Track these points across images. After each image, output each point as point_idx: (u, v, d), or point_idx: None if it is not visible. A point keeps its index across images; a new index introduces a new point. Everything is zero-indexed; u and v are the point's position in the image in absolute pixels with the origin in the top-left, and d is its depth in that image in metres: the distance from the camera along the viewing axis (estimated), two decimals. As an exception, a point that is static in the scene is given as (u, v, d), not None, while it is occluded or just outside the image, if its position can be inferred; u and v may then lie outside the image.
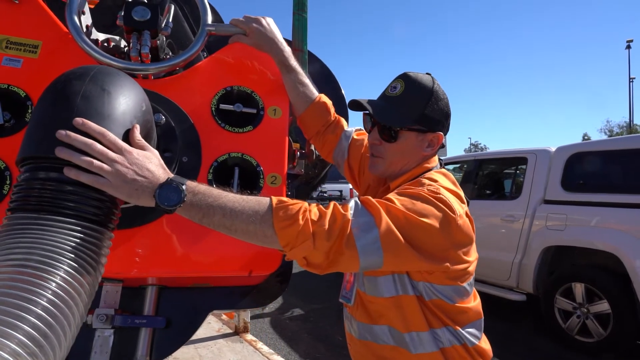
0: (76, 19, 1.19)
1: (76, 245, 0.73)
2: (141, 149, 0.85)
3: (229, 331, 3.81)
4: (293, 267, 1.46)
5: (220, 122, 1.24)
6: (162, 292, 1.32)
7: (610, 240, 3.59)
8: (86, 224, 0.76)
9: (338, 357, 3.65)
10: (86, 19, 1.27)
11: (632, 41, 29.32)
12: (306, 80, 1.33)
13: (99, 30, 1.40)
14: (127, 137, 0.85)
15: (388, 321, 1.03)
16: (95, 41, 1.30)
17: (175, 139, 1.15)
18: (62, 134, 0.75)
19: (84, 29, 1.21)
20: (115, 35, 1.45)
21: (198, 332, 1.37)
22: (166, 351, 1.29)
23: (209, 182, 1.17)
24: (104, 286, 1.26)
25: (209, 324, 3.92)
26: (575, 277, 3.87)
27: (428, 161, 1.13)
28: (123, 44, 1.41)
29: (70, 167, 0.75)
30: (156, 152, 0.88)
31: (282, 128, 1.28)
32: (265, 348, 3.46)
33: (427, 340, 0.99)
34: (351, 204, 0.91)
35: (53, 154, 0.75)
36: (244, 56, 1.34)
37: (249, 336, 3.71)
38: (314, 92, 1.35)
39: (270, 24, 1.30)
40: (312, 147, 1.54)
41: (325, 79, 1.94)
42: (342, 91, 1.97)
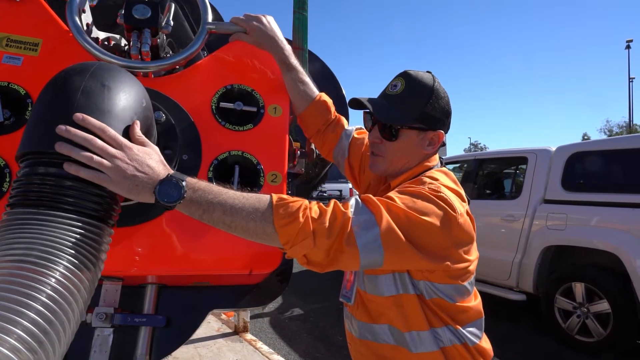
0: (77, 17, 1.19)
1: (76, 240, 0.72)
2: (141, 145, 0.84)
3: (228, 331, 3.80)
4: (293, 267, 1.46)
5: (220, 120, 1.24)
6: (161, 291, 1.32)
7: (611, 239, 3.59)
8: (86, 219, 0.76)
9: (338, 356, 3.65)
10: (87, 17, 1.27)
11: (631, 41, 29.35)
12: (306, 79, 1.33)
13: (99, 29, 1.40)
14: (128, 133, 0.85)
15: (388, 320, 1.03)
16: (95, 39, 1.30)
17: (175, 137, 1.15)
18: (62, 129, 0.74)
19: (85, 28, 1.21)
20: (115, 34, 1.45)
21: (197, 331, 1.37)
22: (166, 350, 1.29)
23: (209, 180, 1.17)
24: (104, 285, 1.26)
25: (209, 323, 3.92)
26: (575, 276, 3.87)
27: (429, 160, 1.12)
28: (123, 42, 1.40)
29: (70, 162, 0.75)
30: (156, 148, 0.88)
31: (283, 126, 1.28)
32: (265, 347, 3.46)
33: (428, 339, 0.99)
34: (352, 202, 0.90)
35: (53, 149, 0.75)
36: (245, 54, 1.34)
37: (248, 336, 3.71)
38: (315, 90, 1.35)
39: (271, 22, 1.29)
40: (313, 146, 1.54)
41: (326, 78, 1.94)
42: (343, 91, 1.97)
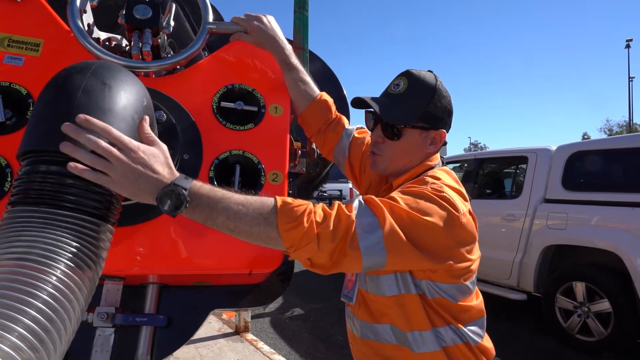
0: (78, 17, 1.19)
1: (77, 239, 0.72)
2: (149, 143, 0.83)
3: (229, 331, 3.80)
4: (294, 267, 1.46)
5: (221, 119, 1.24)
6: (162, 291, 1.32)
7: (611, 239, 3.59)
8: (87, 217, 0.76)
9: (338, 356, 3.65)
10: (88, 18, 1.28)
11: (631, 40, 29.35)
12: (307, 78, 1.33)
13: (100, 30, 1.40)
14: (136, 130, 0.85)
15: (390, 320, 1.03)
16: (96, 40, 1.30)
17: (176, 137, 1.15)
18: (68, 127, 0.73)
19: (86, 28, 1.21)
20: (117, 34, 1.45)
21: (198, 331, 1.37)
22: (167, 350, 1.29)
23: (210, 180, 1.17)
24: (105, 284, 1.26)
25: (210, 323, 3.92)
26: (575, 276, 3.87)
27: (430, 159, 1.12)
28: (124, 43, 1.41)
29: (74, 163, 0.74)
30: (164, 147, 0.86)
31: (284, 126, 1.28)
32: (266, 347, 3.46)
33: (430, 339, 0.99)
34: (355, 204, 0.90)
35: (54, 148, 0.75)
36: (245, 54, 1.34)
37: (249, 336, 3.70)
38: (315, 90, 1.35)
39: (271, 21, 1.29)
40: (314, 145, 1.54)
41: (327, 78, 1.94)
42: (344, 90, 1.97)
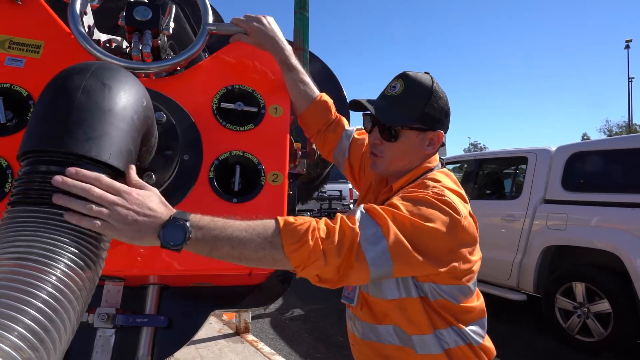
0: (78, 19, 1.19)
1: (76, 239, 0.72)
2: (140, 188, 0.82)
3: (229, 331, 3.80)
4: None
5: (221, 120, 1.25)
6: (163, 292, 1.32)
7: (611, 239, 3.59)
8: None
9: (338, 357, 3.64)
10: (88, 20, 1.28)
11: (631, 41, 29.32)
12: (307, 79, 1.33)
13: (101, 32, 1.40)
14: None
15: (393, 321, 1.03)
16: (97, 41, 1.31)
17: (176, 137, 1.15)
18: (58, 180, 0.72)
19: (86, 29, 1.22)
20: (117, 36, 1.45)
21: (199, 332, 1.37)
22: (167, 351, 1.29)
23: (210, 180, 1.18)
24: (106, 285, 1.26)
25: (210, 324, 3.91)
26: (575, 276, 3.87)
27: (429, 160, 1.12)
28: (125, 44, 1.41)
29: (71, 213, 0.73)
30: (155, 190, 0.84)
31: (284, 126, 1.29)
32: (266, 348, 3.45)
33: (431, 342, 0.99)
34: (357, 215, 0.90)
35: (54, 148, 0.75)
36: (245, 55, 1.34)
37: (249, 336, 3.70)
38: (315, 90, 1.35)
39: (271, 22, 1.30)
40: (314, 146, 1.54)
41: (327, 79, 1.94)
42: (344, 91, 1.97)
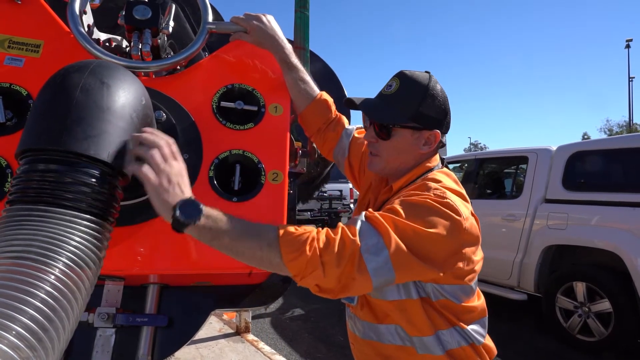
0: (78, 18, 1.19)
1: (75, 237, 0.72)
2: (176, 159, 0.91)
3: (230, 331, 3.80)
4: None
5: (221, 119, 1.24)
6: (163, 291, 1.32)
7: (611, 239, 3.59)
8: (85, 215, 0.76)
9: (339, 356, 3.64)
10: (88, 19, 1.28)
11: (631, 40, 29.29)
12: (307, 78, 1.33)
13: (101, 32, 1.40)
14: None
15: (393, 321, 1.02)
16: (96, 41, 1.30)
17: (176, 136, 1.15)
18: (142, 132, 0.88)
19: (86, 29, 1.22)
20: (117, 35, 1.45)
21: (199, 332, 1.37)
22: (168, 351, 1.29)
23: (210, 179, 1.17)
24: (106, 285, 1.26)
25: (210, 323, 3.91)
26: (576, 276, 3.86)
27: (429, 160, 1.12)
28: (125, 44, 1.41)
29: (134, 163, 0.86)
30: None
31: (284, 125, 1.28)
32: (267, 348, 3.45)
33: (432, 344, 0.99)
34: (358, 225, 0.90)
35: (52, 146, 0.75)
36: (245, 54, 1.34)
37: (250, 336, 3.70)
38: (315, 89, 1.35)
39: (271, 21, 1.29)
40: (314, 145, 1.54)
41: (328, 78, 1.94)
42: (345, 91, 1.97)
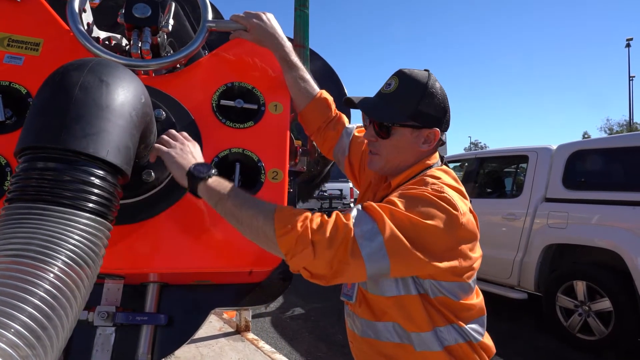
0: (77, 16, 1.19)
1: (74, 235, 0.72)
2: (189, 140, 1.11)
3: (230, 330, 3.80)
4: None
5: (221, 117, 1.24)
6: (163, 290, 1.32)
7: (612, 238, 3.58)
8: (84, 214, 0.75)
9: (339, 355, 3.64)
10: (87, 17, 1.28)
11: (632, 39, 29.20)
12: (307, 76, 1.32)
13: (100, 30, 1.40)
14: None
15: (392, 318, 1.02)
16: (96, 39, 1.30)
17: None
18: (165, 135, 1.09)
19: (85, 27, 1.21)
20: (116, 34, 1.45)
21: (199, 331, 1.37)
22: (168, 349, 1.29)
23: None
24: (106, 283, 1.26)
25: (210, 322, 3.91)
26: (576, 275, 3.86)
27: (428, 157, 1.11)
28: (124, 42, 1.41)
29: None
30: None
31: (283, 123, 1.28)
32: (267, 347, 3.45)
33: (430, 340, 0.98)
34: (353, 212, 0.90)
35: (51, 144, 0.75)
36: (245, 52, 1.34)
37: (250, 335, 3.70)
38: (315, 88, 1.34)
39: (271, 19, 1.29)
40: (314, 143, 1.54)
41: (328, 77, 1.94)
42: (345, 89, 1.97)
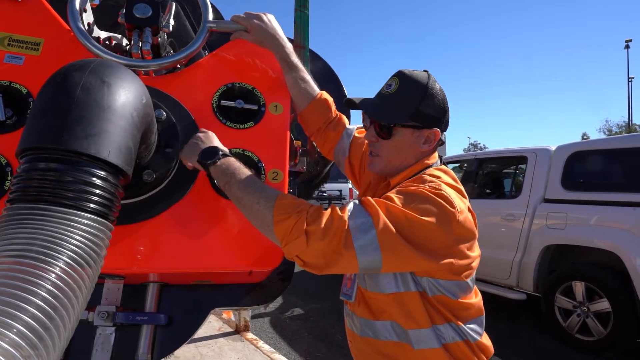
0: (78, 16, 1.19)
1: (76, 236, 0.72)
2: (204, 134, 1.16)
3: (229, 330, 3.80)
4: (295, 266, 1.46)
5: (221, 118, 1.25)
6: (163, 290, 1.32)
7: (610, 238, 3.59)
8: (86, 214, 0.76)
9: (338, 356, 3.65)
10: (88, 17, 1.28)
11: (630, 41, 29.21)
12: (307, 77, 1.33)
13: (101, 30, 1.40)
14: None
15: (390, 317, 1.03)
16: (96, 39, 1.31)
17: (176, 135, 1.15)
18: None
19: (86, 27, 1.22)
20: (117, 34, 1.45)
21: (199, 330, 1.37)
22: (167, 349, 1.29)
23: (209, 178, 1.18)
24: (106, 283, 1.26)
25: (210, 322, 3.91)
26: (575, 275, 3.87)
27: (428, 157, 1.12)
28: (125, 42, 1.41)
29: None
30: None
31: (284, 124, 1.29)
32: (266, 347, 3.45)
33: (429, 336, 0.99)
34: (350, 206, 0.92)
35: (53, 145, 0.75)
36: (245, 53, 1.34)
37: (249, 335, 3.70)
38: (315, 88, 1.35)
39: (272, 20, 1.29)
40: (314, 144, 1.54)
41: (328, 78, 1.94)
42: (345, 90, 1.97)
